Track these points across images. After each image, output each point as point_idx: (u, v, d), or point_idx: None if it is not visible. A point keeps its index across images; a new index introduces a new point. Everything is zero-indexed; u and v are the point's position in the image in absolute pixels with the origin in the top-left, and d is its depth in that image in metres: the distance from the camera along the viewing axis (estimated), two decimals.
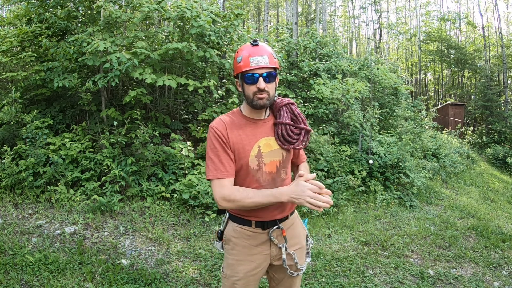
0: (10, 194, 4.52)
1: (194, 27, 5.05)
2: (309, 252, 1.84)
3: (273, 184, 1.64)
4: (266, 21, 12.84)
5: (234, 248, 1.70)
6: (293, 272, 1.71)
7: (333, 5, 27.91)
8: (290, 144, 1.65)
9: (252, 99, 1.57)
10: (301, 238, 1.80)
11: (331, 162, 5.83)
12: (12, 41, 5.36)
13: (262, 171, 1.63)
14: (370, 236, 4.58)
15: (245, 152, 1.60)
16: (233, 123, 1.63)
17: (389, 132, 8.27)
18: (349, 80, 7.13)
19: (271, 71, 1.56)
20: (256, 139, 1.62)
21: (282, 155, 1.68)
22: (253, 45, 1.57)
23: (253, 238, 1.68)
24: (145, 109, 5.73)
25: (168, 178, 4.92)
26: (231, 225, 1.73)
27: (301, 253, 1.77)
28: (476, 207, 6.67)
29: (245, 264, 1.67)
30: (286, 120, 1.66)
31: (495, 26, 21.49)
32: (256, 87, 1.54)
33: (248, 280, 1.67)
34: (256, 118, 1.66)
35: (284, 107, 1.69)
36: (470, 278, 3.75)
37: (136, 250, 3.72)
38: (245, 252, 1.68)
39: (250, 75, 1.54)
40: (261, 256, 1.69)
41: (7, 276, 2.99)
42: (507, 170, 12.34)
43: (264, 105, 1.59)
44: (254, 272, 1.68)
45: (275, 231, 1.68)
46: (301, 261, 1.76)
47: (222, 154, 1.57)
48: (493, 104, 17.40)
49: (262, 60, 1.53)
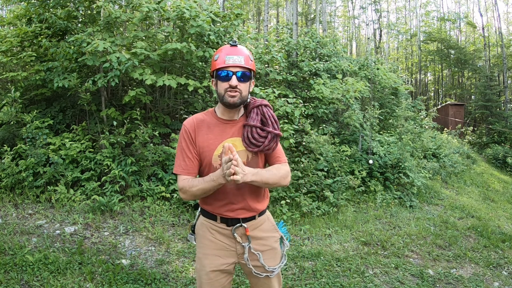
0: (10, 194, 4.52)
1: (193, 26, 5.05)
2: (284, 254, 1.82)
3: (237, 185, 1.65)
4: (266, 21, 12.85)
5: (201, 241, 1.75)
6: (259, 273, 1.71)
7: (333, 5, 27.92)
8: (255, 147, 1.65)
9: (223, 96, 1.60)
10: (270, 240, 1.78)
11: (331, 162, 5.83)
12: (12, 41, 5.36)
13: None
14: (370, 236, 4.58)
15: (210, 151, 1.65)
16: (203, 122, 1.69)
17: (389, 132, 8.27)
18: (349, 80, 7.12)
19: (245, 71, 1.59)
20: (221, 139, 1.66)
21: (247, 156, 1.68)
22: (232, 45, 1.62)
23: (218, 232, 1.71)
24: (145, 109, 5.73)
25: (168, 178, 4.91)
26: (200, 219, 1.78)
27: (271, 255, 1.76)
28: (476, 207, 6.67)
29: (211, 258, 1.70)
30: (253, 122, 1.66)
31: (495, 26, 21.50)
32: (228, 84, 1.57)
33: (214, 274, 1.69)
34: (227, 119, 1.69)
35: (256, 109, 1.69)
36: (470, 278, 3.75)
37: (136, 250, 3.72)
38: (211, 246, 1.71)
39: (225, 73, 1.58)
40: (227, 252, 1.71)
41: (7, 276, 2.99)
42: (507, 170, 12.34)
43: (234, 104, 1.60)
44: (221, 268, 1.70)
45: (239, 229, 1.70)
46: (272, 263, 1.74)
47: (186, 152, 1.66)
48: (493, 104, 17.40)
49: (237, 59, 1.57)
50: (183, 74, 5.58)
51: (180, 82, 4.93)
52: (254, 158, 1.70)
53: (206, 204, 1.73)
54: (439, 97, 28.43)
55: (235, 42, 1.62)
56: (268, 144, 1.65)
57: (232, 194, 1.67)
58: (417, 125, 9.65)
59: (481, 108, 17.62)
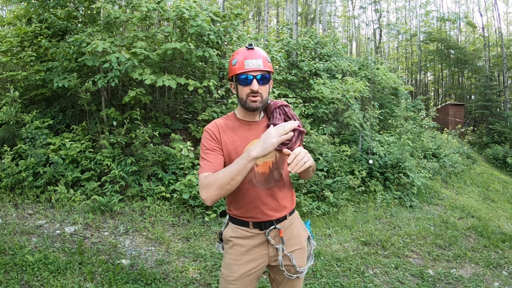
0: (10, 194, 4.51)
1: (192, 26, 5.05)
2: (312, 254, 1.83)
3: (266, 185, 1.66)
4: (266, 21, 12.86)
5: (232, 247, 1.71)
6: (291, 274, 1.71)
7: (332, 4, 27.93)
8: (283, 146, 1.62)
9: (245, 101, 1.60)
10: (301, 239, 1.79)
11: (331, 162, 5.83)
12: (12, 41, 5.36)
13: (254, 171, 1.65)
14: (370, 236, 4.58)
15: (237, 153, 1.61)
16: (227, 125, 1.68)
17: (389, 132, 8.27)
18: (348, 80, 7.13)
19: (265, 74, 1.59)
20: (248, 141, 1.65)
21: (276, 156, 1.69)
22: (248, 48, 1.62)
23: (251, 239, 1.69)
24: (145, 109, 5.73)
25: (168, 178, 4.91)
26: (230, 226, 1.75)
27: (301, 255, 1.77)
28: (476, 207, 6.67)
29: (242, 264, 1.68)
30: (279, 121, 1.66)
31: (495, 26, 21.50)
32: (250, 89, 1.57)
33: (244, 280, 1.68)
34: (249, 120, 1.70)
35: (278, 109, 1.70)
36: (470, 278, 3.75)
37: (136, 250, 3.72)
38: (243, 252, 1.69)
39: (244, 77, 1.57)
40: (259, 257, 1.70)
41: (7, 276, 2.99)
42: (507, 170, 12.34)
43: (257, 108, 1.62)
44: (250, 272, 1.69)
45: (272, 231, 1.68)
46: (301, 263, 1.75)
47: (212, 153, 1.60)
48: (493, 104, 17.41)
49: (256, 63, 1.57)
50: (183, 74, 5.57)
51: (180, 82, 4.93)
52: (281, 157, 1.71)
53: (236, 209, 1.70)
54: (439, 97, 28.44)
55: (251, 45, 1.62)
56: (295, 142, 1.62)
57: (263, 194, 1.66)
58: (417, 125, 9.65)
59: (481, 108, 17.62)
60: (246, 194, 1.64)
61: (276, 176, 1.70)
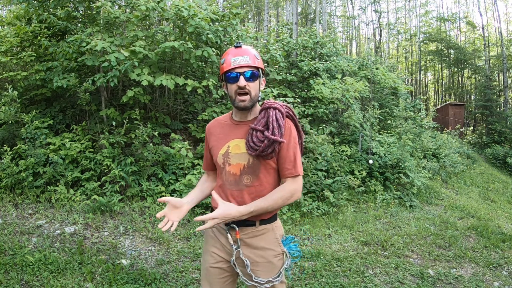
0: (10, 194, 4.51)
1: (191, 26, 5.05)
2: (281, 272, 1.69)
3: (236, 186, 1.64)
4: (266, 21, 12.86)
5: (205, 237, 1.83)
6: (246, 279, 1.66)
7: (332, 4, 27.93)
8: (254, 151, 1.59)
9: (234, 99, 1.61)
10: (267, 253, 1.67)
11: (331, 162, 5.83)
12: (12, 41, 5.36)
13: (226, 170, 1.68)
14: (370, 236, 4.58)
15: (216, 150, 1.72)
16: (220, 123, 1.78)
17: (389, 132, 8.27)
18: (348, 80, 7.12)
19: (253, 70, 1.59)
20: (227, 139, 1.70)
21: (249, 160, 1.63)
22: (236, 47, 1.63)
23: (219, 231, 1.73)
24: (145, 109, 5.73)
25: (168, 178, 4.92)
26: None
27: (263, 268, 1.66)
28: (476, 207, 6.67)
29: (208, 255, 1.74)
30: (256, 125, 1.61)
31: (495, 26, 21.51)
32: (237, 85, 1.57)
33: (210, 271, 1.71)
34: (238, 120, 1.71)
35: (263, 111, 1.63)
36: (470, 278, 3.75)
37: (136, 250, 3.72)
38: (210, 243, 1.76)
39: (232, 75, 1.58)
40: (224, 252, 1.71)
41: (7, 276, 2.99)
42: (507, 170, 12.35)
43: (245, 107, 1.62)
44: (216, 265, 1.71)
45: (233, 230, 1.66)
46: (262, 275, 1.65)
47: (205, 152, 1.87)
48: (493, 104, 17.41)
49: (243, 59, 1.57)
50: (182, 74, 5.57)
51: (178, 82, 4.91)
52: (255, 163, 1.63)
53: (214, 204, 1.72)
54: (439, 97, 28.45)
55: (239, 43, 1.64)
56: (263, 150, 1.56)
57: (231, 196, 1.64)
58: (417, 125, 9.65)
59: (481, 108, 17.63)
60: (221, 189, 1.70)
61: (245, 181, 1.64)
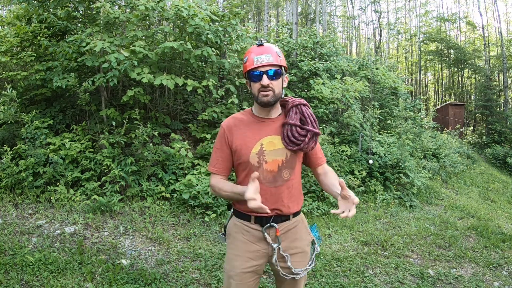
0: (10, 194, 4.51)
1: (191, 25, 5.05)
2: (313, 258, 1.81)
3: (274, 183, 1.67)
4: (266, 21, 12.86)
5: (233, 242, 1.73)
6: (286, 274, 1.70)
7: (332, 4, 27.92)
8: (295, 146, 1.67)
9: (257, 96, 1.64)
10: (303, 243, 1.77)
11: (331, 162, 5.83)
12: (12, 41, 5.35)
13: (263, 168, 1.65)
14: (370, 236, 4.58)
15: (247, 149, 1.66)
16: (241, 121, 1.72)
17: (389, 132, 8.27)
18: (348, 80, 7.13)
19: (276, 68, 1.61)
20: (260, 136, 1.67)
21: (286, 155, 1.69)
22: (258, 45, 1.65)
23: (251, 234, 1.69)
24: (145, 109, 5.73)
25: (168, 178, 4.92)
26: (233, 220, 1.77)
27: (301, 258, 1.75)
28: (476, 207, 6.67)
29: (242, 260, 1.68)
30: (293, 121, 1.67)
31: (495, 26, 21.51)
32: (260, 84, 1.60)
33: (244, 276, 1.67)
34: (263, 117, 1.71)
35: (295, 108, 1.72)
36: (470, 278, 3.75)
37: (136, 250, 3.72)
38: (243, 248, 1.69)
39: (256, 73, 1.61)
40: (259, 254, 1.70)
41: (7, 276, 2.99)
42: (507, 170, 12.35)
43: (268, 102, 1.63)
44: (251, 269, 1.68)
45: (270, 229, 1.69)
46: (299, 265, 1.74)
47: (220, 152, 1.73)
48: (493, 104, 17.42)
49: (265, 58, 1.59)
50: (182, 74, 5.57)
51: (178, 82, 4.91)
52: (292, 157, 1.71)
53: (240, 204, 1.71)
54: (439, 97, 28.45)
55: (261, 42, 1.65)
56: (307, 143, 1.67)
57: (269, 194, 1.66)
58: (417, 125, 9.65)
59: (481, 108, 17.63)
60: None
61: (285, 176, 1.69)
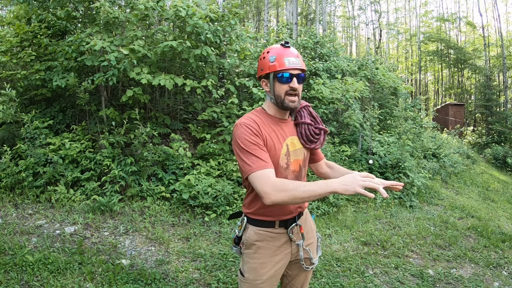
0: (10, 194, 4.51)
1: (189, 25, 5.05)
2: (319, 245, 1.89)
3: None
4: (266, 21, 12.85)
5: (257, 251, 1.68)
6: (307, 266, 1.76)
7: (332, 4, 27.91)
8: (312, 144, 1.73)
9: (283, 99, 1.59)
10: (314, 233, 1.86)
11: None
12: (11, 41, 5.35)
13: (290, 169, 1.67)
14: (370, 236, 4.58)
15: (276, 151, 1.61)
16: (262, 121, 1.62)
17: (389, 132, 8.28)
18: (348, 80, 7.13)
19: (303, 73, 1.62)
20: (284, 138, 1.67)
21: (304, 154, 1.75)
22: (285, 46, 1.61)
23: (276, 239, 1.69)
24: (145, 109, 5.73)
25: (168, 178, 4.92)
26: (252, 229, 1.70)
27: (314, 247, 1.84)
28: (476, 207, 6.67)
29: (269, 267, 1.67)
30: (307, 120, 1.74)
31: (495, 26, 21.52)
32: (289, 87, 1.58)
33: (272, 281, 1.69)
34: (282, 118, 1.70)
35: (303, 109, 1.77)
36: (470, 278, 3.75)
37: (136, 250, 3.72)
38: (269, 254, 1.67)
39: (287, 75, 1.56)
40: (284, 256, 1.71)
41: (7, 276, 2.99)
42: (507, 170, 12.34)
43: (295, 107, 1.63)
44: (277, 272, 1.71)
45: (294, 228, 1.71)
46: (314, 255, 1.82)
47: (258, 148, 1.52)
48: (493, 104, 17.42)
49: (296, 61, 1.58)
50: (182, 74, 5.57)
51: (177, 82, 4.90)
52: (307, 156, 1.78)
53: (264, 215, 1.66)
54: (439, 97, 28.45)
55: (287, 43, 1.62)
56: (322, 141, 1.76)
57: None
58: (417, 125, 9.65)
59: (481, 108, 17.63)
60: None
61: (303, 174, 1.76)
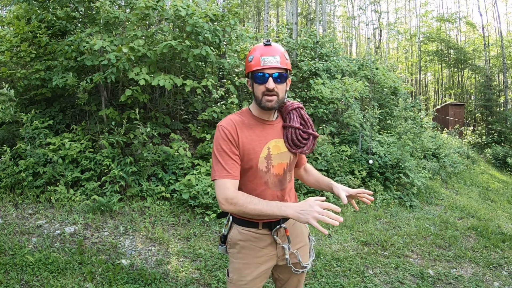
0: (10, 194, 4.51)
1: (189, 24, 5.05)
2: (312, 249, 1.84)
3: (280, 186, 1.66)
4: (266, 21, 12.84)
5: (241, 251, 1.67)
6: (297, 269, 1.72)
7: (332, 4, 27.90)
8: (298, 148, 1.65)
9: (260, 99, 1.55)
10: (304, 236, 1.80)
11: (331, 162, 5.83)
12: (11, 41, 5.35)
13: (270, 173, 1.62)
14: (370, 236, 4.58)
15: (255, 153, 1.57)
16: (243, 123, 1.59)
17: (389, 132, 8.28)
18: (348, 80, 7.13)
19: (282, 72, 1.53)
20: (266, 141, 1.61)
21: (290, 158, 1.68)
22: (266, 45, 1.56)
23: (260, 240, 1.66)
24: (144, 109, 5.73)
25: (168, 178, 4.92)
26: (236, 228, 1.69)
27: (304, 251, 1.78)
28: (476, 207, 6.67)
29: (252, 267, 1.65)
30: (296, 124, 1.65)
31: (495, 26, 21.52)
32: (265, 87, 1.52)
33: (255, 282, 1.67)
34: (265, 119, 1.64)
35: (294, 111, 1.68)
36: (470, 278, 3.75)
37: (136, 250, 3.72)
38: (252, 255, 1.66)
39: (261, 74, 1.52)
40: (268, 258, 1.68)
41: (7, 276, 2.99)
42: (507, 170, 12.34)
43: (272, 108, 1.57)
44: (261, 274, 1.68)
45: (279, 231, 1.68)
46: (305, 258, 1.77)
47: (227, 155, 1.52)
48: (493, 104, 17.42)
49: (273, 60, 1.51)
50: (182, 74, 5.57)
51: (176, 82, 4.90)
52: (293, 159, 1.71)
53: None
54: (439, 97, 28.46)
55: (268, 41, 1.56)
56: (310, 146, 1.67)
57: (276, 197, 1.65)
58: (417, 125, 9.65)
59: (481, 108, 17.63)
60: (261, 195, 1.58)
61: (288, 178, 1.70)
